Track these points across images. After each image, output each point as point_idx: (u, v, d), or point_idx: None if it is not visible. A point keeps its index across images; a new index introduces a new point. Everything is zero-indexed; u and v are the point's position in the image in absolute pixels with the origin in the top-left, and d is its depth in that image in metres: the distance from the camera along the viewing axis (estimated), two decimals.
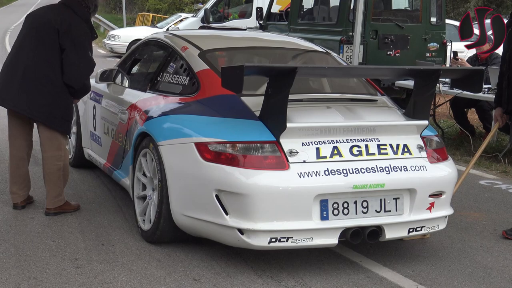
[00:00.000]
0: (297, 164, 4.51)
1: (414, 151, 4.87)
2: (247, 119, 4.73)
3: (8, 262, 4.68)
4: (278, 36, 7.50)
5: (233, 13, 18.39)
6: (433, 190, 4.87)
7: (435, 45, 11.17)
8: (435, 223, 4.97)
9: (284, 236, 4.49)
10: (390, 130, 4.88)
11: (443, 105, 10.00)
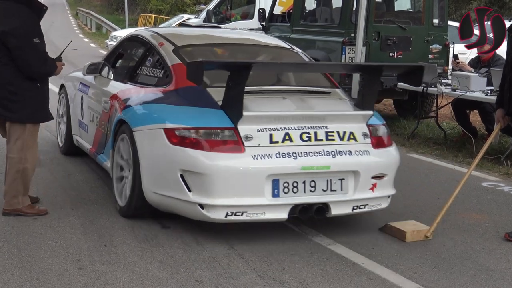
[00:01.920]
0: (252, 147, 5.12)
1: (359, 138, 5.47)
2: (210, 108, 5.34)
3: (11, 263, 4.69)
4: (249, 33, 8.60)
5: (236, 15, 18.39)
6: (375, 173, 5.48)
7: (437, 46, 11.16)
8: (378, 202, 5.60)
9: (239, 211, 5.11)
10: (338, 119, 5.49)
11: (446, 107, 10.00)
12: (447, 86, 9.26)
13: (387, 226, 5.71)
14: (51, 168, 7.36)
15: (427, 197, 6.88)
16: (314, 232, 5.57)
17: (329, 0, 11.79)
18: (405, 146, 9.44)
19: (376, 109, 12.71)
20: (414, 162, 8.50)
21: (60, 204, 6.07)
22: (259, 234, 5.47)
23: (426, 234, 5.56)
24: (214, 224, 5.62)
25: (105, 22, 35.18)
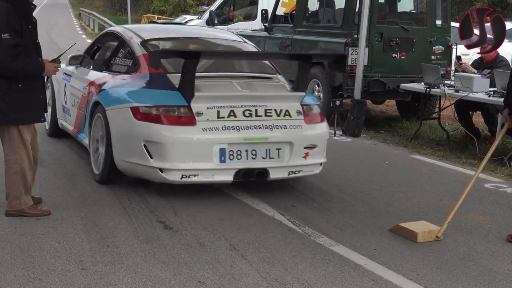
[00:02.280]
0: (202, 122, 6.17)
1: (293, 115, 6.53)
2: (169, 90, 6.37)
3: (14, 263, 4.69)
4: (208, 29, 10.21)
5: (238, 15, 18.37)
6: (307, 144, 6.55)
7: (440, 47, 11.16)
8: (310, 168, 6.74)
9: (192, 174, 6.16)
10: (275, 99, 6.61)
11: (448, 108, 9.99)
12: (450, 87, 9.25)
13: (397, 226, 5.71)
14: (54, 168, 7.36)
15: (430, 198, 6.88)
16: (317, 234, 5.57)
17: (332, 1, 11.78)
18: (408, 147, 9.43)
19: (379, 110, 12.80)
20: (417, 163, 8.50)
21: (63, 205, 6.07)
22: (262, 235, 5.47)
23: (437, 235, 5.57)
24: (217, 225, 5.63)
25: (108, 23, 35.14)
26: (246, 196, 6.58)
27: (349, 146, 9.49)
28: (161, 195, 6.46)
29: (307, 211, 6.23)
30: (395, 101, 12.46)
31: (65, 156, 8.00)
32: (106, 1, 56.11)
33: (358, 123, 10.11)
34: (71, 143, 8.64)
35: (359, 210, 6.33)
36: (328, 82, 10.88)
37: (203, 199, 6.45)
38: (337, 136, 10.01)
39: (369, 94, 10.72)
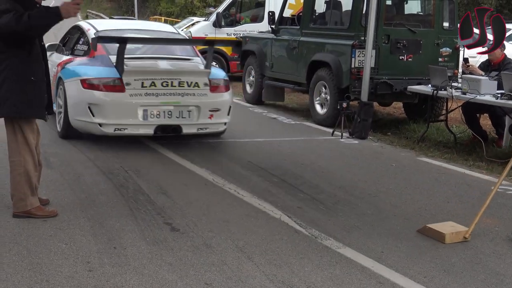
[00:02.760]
0: (130, 89, 8.30)
1: (201, 86, 8.64)
2: (108, 67, 8.51)
3: (21, 264, 4.70)
4: (150, 23, 12.42)
5: (245, 17, 18.36)
6: (211, 107, 8.63)
7: (447, 50, 11.13)
8: (216, 127, 8.86)
9: (122, 128, 8.32)
10: (188, 74, 8.68)
11: (456, 110, 9.96)
12: (457, 89, 9.22)
13: (425, 227, 5.72)
14: (60, 170, 7.37)
15: (437, 200, 6.86)
16: (323, 236, 5.56)
17: (339, 3, 11.77)
18: (415, 150, 9.41)
19: (386, 112, 12.77)
20: (424, 166, 8.48)
21: (69, 206, 6.08)
22: (269, 237, 5.47)
23: (465, 236, 5.58)
24: (224, 227, 5.63)
25: None
26: (253, 198, 6.58)
27: (356, 148, 9.48)
28: (168, 197, 6.47)
29: (314, 213, 6.23)
30: (402, 103, 12.44)
31: (72, 157, 8.01)
32: (113, 3, 56.18)
33: (365, 125, 10.10)
34: (78, 145, 8.65)
35: (366, 212, 6.32)
36: (335, 84, 10.87)
37: (210, 201, 6.45)
38: (344, 138, 10.00)
39: (376, 96, 10.71)
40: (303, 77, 11.80)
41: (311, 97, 11.55)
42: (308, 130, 10.84)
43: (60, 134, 8.96)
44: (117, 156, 8.17)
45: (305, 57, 11.81)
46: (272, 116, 12.17)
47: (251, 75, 13.77)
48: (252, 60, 13.63)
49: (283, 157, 8.59)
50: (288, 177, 7.50)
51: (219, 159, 8.26)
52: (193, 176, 7.41)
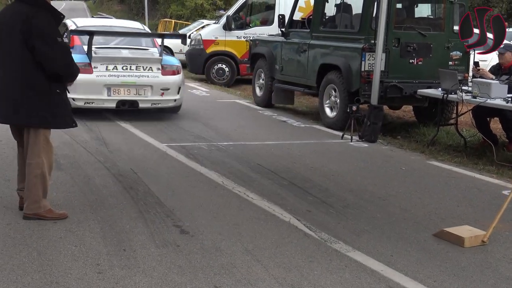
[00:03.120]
0: (97, 71, 10.65)
1: (154, 70, 11.00)
2: (82, 54, 10.66)
3: (31, 266, 4.72)
4: (122, 21, 15.79)
5: (255, 20, 18.38)
6: (162, 87, 11.00)
7: (457, 53, 11.10)
8: (166, 102, 11.19)
9: (91, 101, 10.68)
10: (144, 61, 11.09)
11: (466, 114, 9.93)
12: (467, 93, 9.19)
13: (442, 231, 5.72)
14: (71, 172, 7.40)
15: (447, 204, 6.84)
16: (333, 239, 5.56)
17: (349, 6, 11.76)
18: (425, 153, 9.39)
19: (396, 116, 12.75)
20: (434, 170, 8.46)
21: (79, 208, 6.10)
22: (278, 240, 5.47)
23: (483, 239, 5.57)
24: (233, 230, 5.63)
25: None
26: (262, 201, 6.58)
27: (366, 151, 9.47)
28: (177, 199, 6.48)
29: (323, 216, 6.22)
30: (412, 107, 12.42)
31: (82, 159, 8.04)
32: (123, 6, 56.38)
33: (374, 129, 10.09)
34: (89, 147, 8.68)
35: (376, 216, 6.31)
36: (344, 88, 10.86)
37: (219, 203, 6.45)
38: (353, 141, 9.99)
39: (386, 99, 10.68)
40: (313, 80, 11.80)
41: (321, 100, 11.55)
42: (318, 133, 10.84)
43: None
44: (127, 158, 8.19)
45: (315, 60, 11.80)
46: (281, 119, 12.17)
47: (260, 78, 13.77)
48: (262, 63, 13.64)
49: (293, 160, 8.59)
50: (297, 180, 7.49)
51: (229, 162, 8.27)
52: (202, 178, 7.42)
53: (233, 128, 10.83)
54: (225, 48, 17.88)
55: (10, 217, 5.77)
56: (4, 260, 4.81)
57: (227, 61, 17.99)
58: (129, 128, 10.32)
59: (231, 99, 14.97)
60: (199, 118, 11.59)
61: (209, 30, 18.56)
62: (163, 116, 11.59)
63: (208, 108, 12.94)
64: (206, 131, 10.34)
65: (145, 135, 9.77)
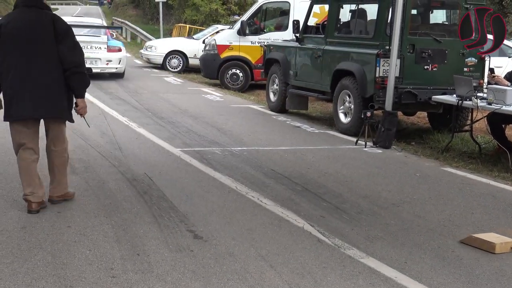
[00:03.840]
0: None
1: (102, 48, 17.80)
2: None
3: (45, 270, 4.74)
4: (90, 19, 22.37)
5: (269, 26, 18.39)
6: (107, 60, 17.85)
7: (473, 60, 11.06)
8: (110, 69, 18.09)
9: None
10: (95, 43, 17.70)
11: (481, 121, 9.90)
12: (482, 99, 9.16)
13: (471, 238, 5.72)
14: (85, 176, 7.43)
15: (461, 211, 6.81)
16: (347, 245, 5.55)
17: (363, 12, 11.75)
18: (439, 160, 9.36)
19: (410, 122, 12.72)
20: (448, 176, 8.42)
21: (94, 212, 6.12)
22: (291, 246, 5.47)
23: None
24: (246, 235, 5.63)
25: (140, 32, 35.42)
26: (276, 207, 6.58)
27: (380, 157, 9.44)
28: (191, 204, 6.49)
29: (337, 222, 6.21)
30: (426, 113, 12.38)
31: (97, 163, 8.07)
32: (138, 11, 56.55)
33: (389, 135, 10.07)
34: (103, 151, 8.72)
35: (390, 222, 6.30)
36: (359, 93, 10.85)
37: (233, 208, 6.46)
38: (367, 147, 9.97)
39: (400, 105, 10.66)
40: (327, 86, 11.79)
41: (335, 106, 11.54)
42: (332, 139, 10.83)
43: None
44: (140, 162, 8.22)
45: (329, 65, 11.80)
46: (295, 124, 12.16)
47: (275, 83, 13.77)
48: (276, 69, 13.64)
49: (307, 165, 8.58)
50: (311, 186, 7.49)
51: (242, 167, 8.27)
52: (216, 183, 7.43)
53: (247, 133, 10.84)
54: (239, 53, 17.90)
55: (25, 220, 5.80)
56: (19, 263, 4.83)
57: (241, 66, 18.01)
58: (143, 133, 10.35)
59: (245, 104, 14.99)
60: (213, 123, 11.60)
61: (224, 35, 18.58)
62: (177, 121, 11.61)
63: (222, 113, 12.96)
64: (219, 136, 10.36)
65: (159, 140, 9.79)
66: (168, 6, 39.51)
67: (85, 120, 6.51)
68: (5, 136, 9.38)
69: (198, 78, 20.08)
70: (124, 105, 13.52)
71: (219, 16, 31.88)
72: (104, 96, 14.74)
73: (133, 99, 14.54)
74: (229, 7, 32.14)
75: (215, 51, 18.04)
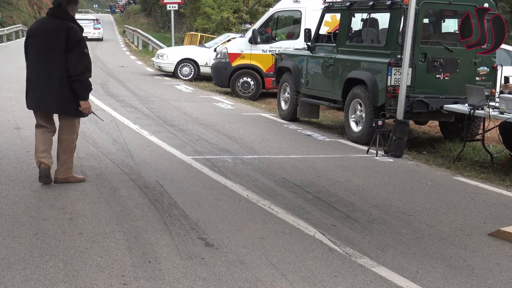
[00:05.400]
0: None
1: (92, 28, 38.06)
2: None
3: (57, 276, 4.75)
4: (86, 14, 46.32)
5: (281, 34, 18.43)
6: (93, 32, 42.04)
7: (485, 69, 11.04)
8: (95, 36, 43.38)
9: None
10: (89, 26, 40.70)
11: (492, 130, 9.87)
12: (494, 109, 9.14)
13: (499, 231, 5.75)
14: (97, 183, 7.45)
15: (473, 221, 6.79)
16: (358, 254, 5.54)
17: (375, 21, 11.75)
18: (451, 169, 9.33)
19: (422, 131, 12.70)
20: (460, 185, 8.40)
21: (105, 219, 6.14)
22: (303, 254, 5.46)
23: None
24: (257, 243, 5.63)
25: (152, 40, 35.57)
26: (287, 215, 6.58)
27: (391, 166, 9.43)
28: (202, 212, 6.50)
29: (348, 231, 6.20)
30: (438, 122, 12.36)
31: (108, 171, 8.09)
32: (150, 19, 56.77)
33: (400, 144, 10.05)
34: (114, 158, 8.74)
35: (401, 232, 6.28)
36: (370, 102, 10.84)
37: (244, 216, 6.46)
38: (378, 156, 9.96)
39: (412, 114, 10.65)
40: (339, 95, 11.79)
41: (346, 114, 11.54)
42: (343, 148, 10.82)
43: None
44: (152, 170, 8.23)
45: (340, 74, 11.81)
46: (306, 133, 12.16)
47: (286, 91, 13.79)
48: (287, 77, 13.66)
49: (318, 174, 8.58)
50: (322, 195, 7.48)
51: (253, 175, 8.28)
52: (227, 191, 7.43)
53: (258, 141, 10.85)
54: (250, 61, 17.95)
55: (37, 227, 5.83)
56: (31, 270, 4.85)
57: (252, 75, 18.05)
58: (154, 140, 10.37)
59: (256, 112, 15.00)
60: (224, 131, 11.62)
61: (235, 43, 18.64)
62: (188, 129, 11.64)
63: (233, 121, 12.98)
64: (231, 144, 10.37)
65: (170, 148, 9.81)
66: (180, 14, 39.67)
67: (97, 116, 7.76)
68: (18, 143, 9.45)
69: (209, 86, 20.13)
70: (136, 112, 13.56)
71: (230, 24, 31.97)
72: (116, 104, 14.78)
73: (144, 106, 14.58)
74: (241, 15, 32.22)
75: (227, 60, 18.09)
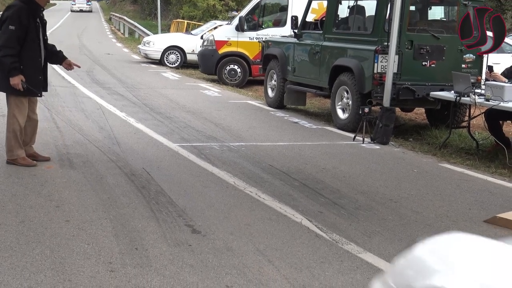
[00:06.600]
0: None
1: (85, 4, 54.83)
2: None
3: (44, 264, 4.75)
4: None
5: (268, 21, 18.40)
6: (86, 5, 63.96)
7: (471, 56, 11.07)
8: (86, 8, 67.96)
9: None
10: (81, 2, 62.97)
11: (478, 117, 9.92)
12: (480, 96, 9.18)
13: (495, 218, 5.79)
14: (83, 171, 7.43)
15: (459, 207, 6.83)
16: (344, 240, 5.56)
17: (362, 8, 11.76)
18: (437, 156, 9.38)
19: (408, 118, 12.74)
20: (446, 172, 8.44)
21: (92, 206, 6.13)
22: (289, 241, 5.48)
23: None
24: (244, 230, 5.65)
25: (138, 27, 35.41)
26: (274, 202, 6.59)
27: (378, 153, 9.46)
28: (189, 199, 6.50)
29: (335, 217, 6.23)
30: (424, 109, 12.40)
31: (95, 158, 8.07)
32: (136, 6, 56.52)
33: (386, 131, 10.09)
34: (101, 146, 8.72)
35: (387, 218, 6.31)
36: (357, 89, 10.86)
37: (231, 203, 6.47)
38: (365, 143, 9.99)
39: (398, 101, 10.68)
40: (325, 82, 11.80)
41: (333, 102, 11.55)
42: (330, 135, 10.84)
43: None
44: (138, 157, 8.22)
45: (327, 61, 11.81)
46: (293, 120, 12.18)
47: (273, 79, 13.78)
48: (274, 64, 13.65)
49: (304, 161, 8.59)
50: (309, 182, 7.50)
51: (240, 162, 8.29)
52: (214, 178, 7.44)
53: (245, 128, 10.85)
54: (237, 49, 17.92)
55: (23, 215, 5.81)
56: (17, 257, 4.84)
57: (239, 62, 18.03)
58: (141, 128, 10.35)
59: (243, 100, 15.00)
60: (210, 119, 11.61)
61: (222, 31, 18.59)
62: (175, 116, 11.62)
63: (220, 109, 12.97)
64: (217, 132, 10.37)
65: (157, 135, 9.80)
66: (166, 1, 39.52)
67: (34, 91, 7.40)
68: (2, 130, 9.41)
69: (196, 73, 20.08)
70: (122, 100, 13.52)
71: (216, 12, 31.89)
72: (102, 91, 14.73)
73: (131, 94, 14.54)
74: (227, 2, 32.13)
75: (213, 47, 18.05)
